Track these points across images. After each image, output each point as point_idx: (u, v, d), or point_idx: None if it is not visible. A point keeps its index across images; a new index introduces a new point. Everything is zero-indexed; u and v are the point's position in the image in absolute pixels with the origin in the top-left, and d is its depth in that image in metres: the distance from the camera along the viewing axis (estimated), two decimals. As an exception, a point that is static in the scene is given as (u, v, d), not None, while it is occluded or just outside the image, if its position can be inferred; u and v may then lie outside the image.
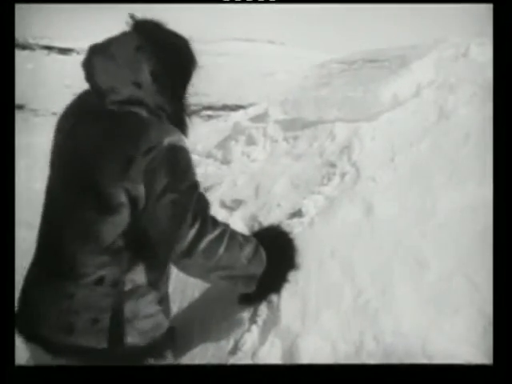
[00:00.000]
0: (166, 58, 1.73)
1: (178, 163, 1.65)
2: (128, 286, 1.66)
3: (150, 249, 1.67)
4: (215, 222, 1.73)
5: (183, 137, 1.72)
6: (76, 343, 1.61)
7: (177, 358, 1.85)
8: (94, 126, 1.68)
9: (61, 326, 1.62)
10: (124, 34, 1.76)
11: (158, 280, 1.74)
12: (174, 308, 2.15)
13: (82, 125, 1.72)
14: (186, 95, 1.85)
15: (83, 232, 1.64)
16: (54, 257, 1.69)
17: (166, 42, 1.76)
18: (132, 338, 1.65)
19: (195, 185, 1.69)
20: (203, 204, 1.73)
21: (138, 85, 1.68)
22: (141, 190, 1.60)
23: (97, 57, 1.72)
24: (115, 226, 1.63)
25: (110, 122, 1.66)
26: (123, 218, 1.63)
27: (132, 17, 1.79)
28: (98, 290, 1.63)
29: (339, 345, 1.81)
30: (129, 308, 1.65)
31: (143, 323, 1.68)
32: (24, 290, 1.74)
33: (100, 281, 1.63)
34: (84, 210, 1.64)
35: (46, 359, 1.63)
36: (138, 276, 1.68)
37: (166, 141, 1.61)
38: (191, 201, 1.66)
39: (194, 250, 1.66)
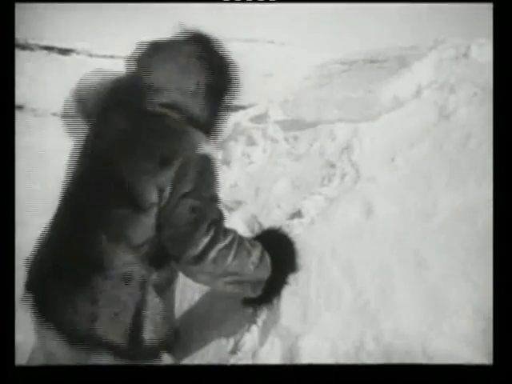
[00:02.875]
0: (215, 74, 1.79)
1: (207, 173, 1.70)
2: (151, 284, 1.68)
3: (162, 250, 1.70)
4: (226, 231, 1.75)
5: (215, 149, 1.76)
6: (97, 333, 1.63)
7: (177, 358, 1.86)
8: (128, 121, 1.71)
9: (84, 317, 1.63)
10: (185, 42, 1.81)
11: (174, 277, 1.77)
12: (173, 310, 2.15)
13: (115, 115, 1.75)
14: (224, 112, 1.90)
15: (109, 230, 1.66)
16: (81, 250, 1.69)
17: (220, 58, 1.82)
18: (148, 334, 1.68)
19: (217, 197, 1.73)
20: (220, 216, 1.76)
21: (184, 91, 1.72)
22: (167, 190, 1.62)
23: (159, 55, 1.76)
24: (143, 227, 1.65)
25: (145, 120, 1.70)
26: (151, 219, 1.65)
27: (183, 25, 1.85)
28: (126, 289, 1.65)
29: (339, 345, 1.81)
30: (149, 305, 1.68)
31: (159, 322, 1.70)
32: (45, 275, 1.74)
33: (128, 280, 1.65)
34: (110, 208, 1.66)
35: (63, 349, 1.63)
36: (161, 275, 1.71)
37: (202, 149, 1.65)
38: (210, 211, 1.68)
39: (205, 257, 1.67)
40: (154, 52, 1.79)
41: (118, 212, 1.65)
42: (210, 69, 1.79)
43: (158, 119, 1.70)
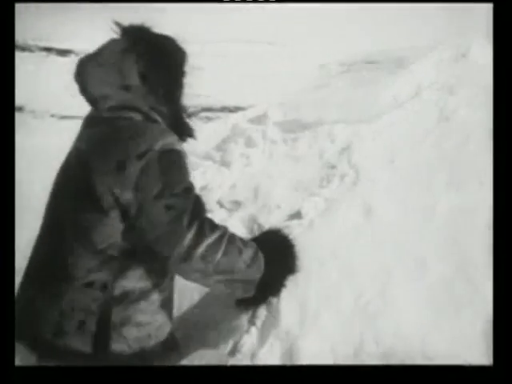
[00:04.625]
0: (152, 58, 1.75)
1: (171, 167, 1.65)
2: (117, 292, 1.64)
3: (148, 253, 1.66)
4: (213, 226, 1.72)
5: (177, 139, 1.71)
6: (63, 345, 1.61)
7: (178, 361, 1.84)
8: (92, 132, 1.70)
9: (50, 327, 1.62)
10: (111, 41, 1.78)
11: (160, 283, 1.74)
12: (173, 310, 2.15)
13: (85, 131, 1.75)
14: (181, 95, 1.85)
15: (76, 234, 1.64)
16: (48, 258, 1.69)
17: (152, 42, 1.78)
18: (118, 345, 1.63)
19: (190, 188, 1.68)
20: (199, 207, 1.73)
21: (127, 88, 1.70)
22: (129, 197, 1.59)
23: (86, 67, 1.75)
24: (107, 230, 1.62)
25: (104, 127, 1.67)
26: (114, 222, 1.62)
27: (117, 24, 1.81)
28: (88, 292, 1.62)
29: (339, 346, 1.81)
30: (117, 314, 1.63)
31: (132, 331, 1.66)
32: (19, 290, 1.74)
33: (90, 284, 1.62)
34: (78, 212, 1.64)
35: (31, 360, 1.63)
36: (130, 282, 1.66)
37: (159, 145, 1.61)
38: (187, 204, 1.65)
39: (193, 254, 1.64)
40: (82, 65, 1.77)
41: (84, 216, 1.63)
42: (144, 56, 1.75)
43: (114, 124, 1.68)
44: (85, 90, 1.76)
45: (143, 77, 1.72)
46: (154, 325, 1.72)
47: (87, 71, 1.74)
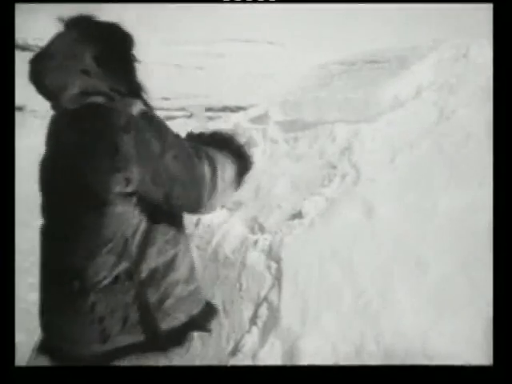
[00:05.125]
0: (102, 42, 1.77)
1: (157, 123, 1.67)
2: (144, 274, 1.65)
3: (171, 217, 1.68)
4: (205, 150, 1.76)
5: (140, 101, 1.74)
6: (113, 347, 1.60)
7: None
8: (66, 131, 1.69)
9: (93, 338, 1.60)
10: (57, 35, 1.78)
11: (178, 250, 1.74)
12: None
13: (56, 132, 1.73)
14: (136, 73, 1.88)
15: (86, 240, 1.63)
16: (65, 277, 1.67)
17: (99, 27, 1.79)
18: (166, 323, 1.63)
19: (176, 133, 1.72)
20: (195, 142, 1.77)
21: (87, 72, 1.70)
22: (136, 173, 1.60)
23: (39, 63, 1.73)
24: (114, 220, 1.62)
25: (76, 122, 1.67)
26: (119, 209, 1.62)
27: (60, 19, 1.82)
28: (117, 288, 1.62)
29: (339, 346, 1.81)
30: (152, 295, 1.65)
31: (173, 305, 1.67)
32: (45, 316, 1.72)
33: (116, 279, 1.62)
34: (81, 216, 1.64)
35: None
36: (152, 261, 1.65)
37: (135, 111, 1.62)
38: (184, 145, 1.68)
39: (216, 181, 1.68)
40: (34, 63, 1.78)
41: (84, 221, 1.63)
42: (95, 41, 1.77)
43: (85, 112, 1.67)
44: (42, 86, 1.74)
45: (97, 59, 1.73)
46: (190, 291, 1.73)
47: (41, 66, 1.73)
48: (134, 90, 1.82)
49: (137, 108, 1.66)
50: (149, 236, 1.70)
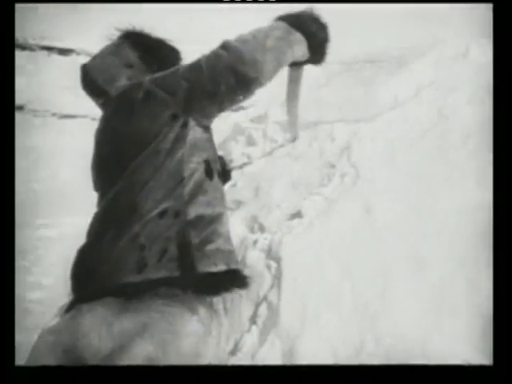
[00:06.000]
0: (148, 49, 1.96)
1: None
2: (191, 217, 1.67)
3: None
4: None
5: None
6: (148, 278, 1.61)
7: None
8: (114, 114, 1.79)
9: (133, 265, 1.61)
10: (107, 44, 1.95)
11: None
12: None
13: (105, 118, 1.83)
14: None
15: (138, 174, 1.70)
16: (118, 200, 1.72)
17: (148, 40, 1.99)
18: (203, 264, 1.64)
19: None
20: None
21: (130, 65, 1.85)
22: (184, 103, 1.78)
23: (89, 66, 1.88)
24: (172, 161, 1.73)
25: (123, 95, 1.78)
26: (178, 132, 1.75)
27: (118, 29, 1.98)
28: (162, 222, 1.64)
29: (339, 346, 1.81)
30: (195, 236, 1.65)
31: (214, 251, 1.68)
32: (86, 247, 1.74)
33: (163, 213, 1.65)
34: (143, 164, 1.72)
35: (115, 306, 1.61)
36: (200, 207, 1.70)
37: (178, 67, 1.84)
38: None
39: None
40: (89, 64, 1.96)
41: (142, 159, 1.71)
42: (140, 44, 1.96)
43: (130, 93, 1.80)
44: (94, 84, 1.88)
45: (141, 58, 1.87)
46: (229, 249, 1.75)
47: (88, 68, 1.88)
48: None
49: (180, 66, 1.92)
50: (202, 186, 1.75)
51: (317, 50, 2.07)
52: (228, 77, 1.77)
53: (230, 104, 1.86)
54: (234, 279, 1.72)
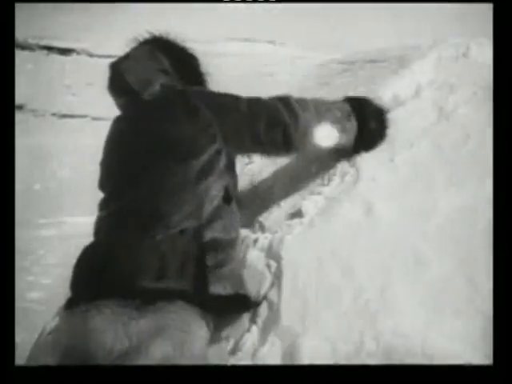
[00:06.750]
0: (177, 55, 2.04)
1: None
2: (207, 239, 1.72)
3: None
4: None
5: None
6: (165, 288, 1.64)
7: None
8: (146, 117, 1.84)
9: (152, 273, 1.64)
10: (135, 46, 1.98)
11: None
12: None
13: (135, 119, 1.93)
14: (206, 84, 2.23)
15: (167, 183, 1.73)
16: (136, 210, 1.74)
17: (175, 43, 2.09)
18: (215, 287, 1.72)
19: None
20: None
21: (165, 72, 1.90)
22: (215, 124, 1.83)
23: (120, 65, 1.91)
24: (200, 184, 1.79)
25: (158, 102, 1.84)
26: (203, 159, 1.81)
27: (148, 32, 2.05)
28: (183, 239, 1.70)
29: (339, 345, 1.81)
30: (210, 259, 1.71)
31: (226, 275, 1.76)
32: (95, 246, 1.76)
33: (184, 231, 1.68)
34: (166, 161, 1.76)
35: (129, 307, 1.62)
36: (216, 232, 1.78)
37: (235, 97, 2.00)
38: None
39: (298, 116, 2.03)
40: (114, 68, 2.00)
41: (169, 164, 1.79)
42: (171, 52, 2.03)
43: (164, 100, 1.88)
44: (125, 83, 1.91)
45: (173, 66, 1.93)
46: (241, 274, 1.81)
47: (122, 68, 1.93)
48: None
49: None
50: (219, 211, 1.82)
51: (362, 144, 2.19)
52: (278, 133, 1.87)
53: (262, 155, 1.99)
54: (240, 304, 1.80)
